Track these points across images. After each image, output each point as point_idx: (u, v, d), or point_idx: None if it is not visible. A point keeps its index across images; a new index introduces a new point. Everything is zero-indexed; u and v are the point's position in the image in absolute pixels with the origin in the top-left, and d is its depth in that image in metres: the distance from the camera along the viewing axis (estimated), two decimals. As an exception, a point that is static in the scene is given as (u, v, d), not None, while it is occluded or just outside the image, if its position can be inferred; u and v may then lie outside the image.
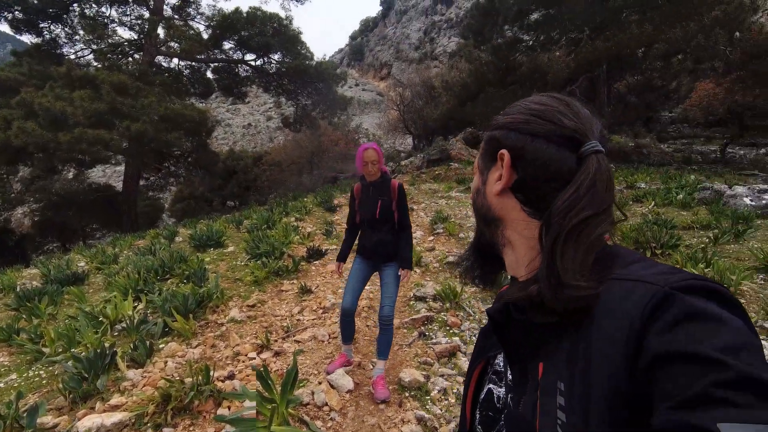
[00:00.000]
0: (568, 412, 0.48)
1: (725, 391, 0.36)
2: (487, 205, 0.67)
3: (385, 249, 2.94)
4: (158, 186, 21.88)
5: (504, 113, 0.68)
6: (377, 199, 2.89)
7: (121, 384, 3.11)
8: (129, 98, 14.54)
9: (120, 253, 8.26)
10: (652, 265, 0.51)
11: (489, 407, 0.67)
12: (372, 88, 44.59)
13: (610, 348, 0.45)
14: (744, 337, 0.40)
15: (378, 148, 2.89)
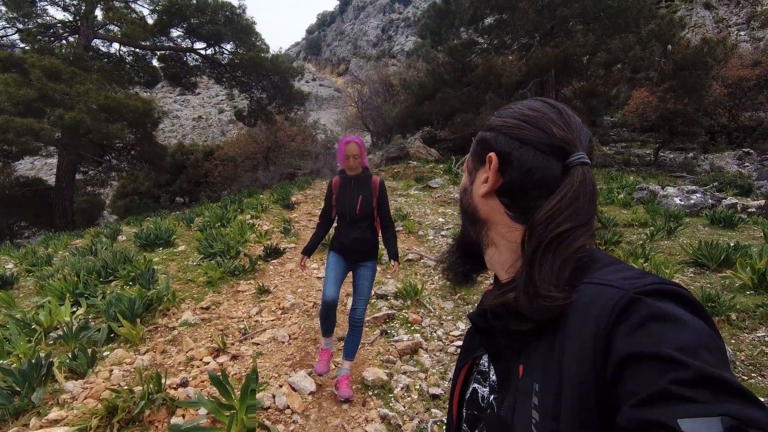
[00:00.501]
0: (541, 412, 0.49)
1: (684, 388, 0.38)
2: (473, 206, 0.68)
3: (362, 247, 2.84)
4: (98, 180, 20.24)
5: (498, 115, 0.68)
6: (358, 194, 2.79)
7: (59, 397, 2.86)
8: (62, 84, 13.33)
9: (54, 254, 7.58)
10: (623, 270, 0.52)
11: (474, 406, 0.68)
12: (330, 84, 44.03)
13: (580, 351, 0.47)
14: (704, 338, 0.42)
15: (360, 141, 2.79)
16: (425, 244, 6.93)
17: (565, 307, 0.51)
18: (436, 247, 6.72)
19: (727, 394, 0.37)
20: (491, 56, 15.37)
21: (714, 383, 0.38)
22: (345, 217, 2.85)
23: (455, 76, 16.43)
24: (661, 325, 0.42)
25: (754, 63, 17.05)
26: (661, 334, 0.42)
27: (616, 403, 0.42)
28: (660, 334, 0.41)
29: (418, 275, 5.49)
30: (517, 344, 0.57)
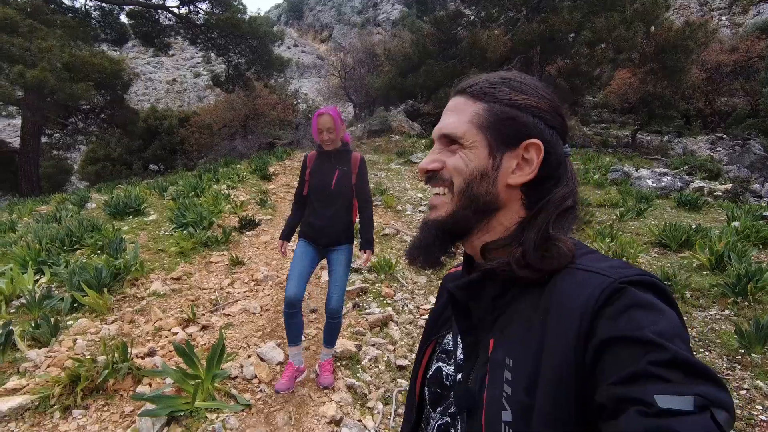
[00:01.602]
0: (514, 386, 0.52)
1: (661, 369, 0.41)
2: (494, 195, 0.62)
3: (334, 229, 2.57)
4: (64, 144, 19.28)
5: (514, 89, 0.62)
6: (335, 169, 2.55)
7: (20, 365, 2.81)
8: (20, 39, 12.41)
9: (18, 220, 7.27)
10: (606, 259, 0.56)
11: (437, 384, 0.69)
12: (312, 51, 42.51)
13: (564, 332, 0.49)
14: (678, 328, 0.46)
15: (336, 113, 2.52)
16: (402, 219, 6.96)
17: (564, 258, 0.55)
18: (413, 222, 6.76)
19: (700, 378, 0.41)
20: (477, 29, 15.08)
21: (688, 367, 0.42)
22: (318, 193, 2.58)
23: (440, 48, 16.12)
24: (643, 313, 0.46)
25: (732, 48, 17.32)
26: (642, 320, 0.45)
27: (594, 382, 0.45)
28: (641, 320, 0.45)
29: (394, 250, 5.53)
30: (491, 317, 0.60)
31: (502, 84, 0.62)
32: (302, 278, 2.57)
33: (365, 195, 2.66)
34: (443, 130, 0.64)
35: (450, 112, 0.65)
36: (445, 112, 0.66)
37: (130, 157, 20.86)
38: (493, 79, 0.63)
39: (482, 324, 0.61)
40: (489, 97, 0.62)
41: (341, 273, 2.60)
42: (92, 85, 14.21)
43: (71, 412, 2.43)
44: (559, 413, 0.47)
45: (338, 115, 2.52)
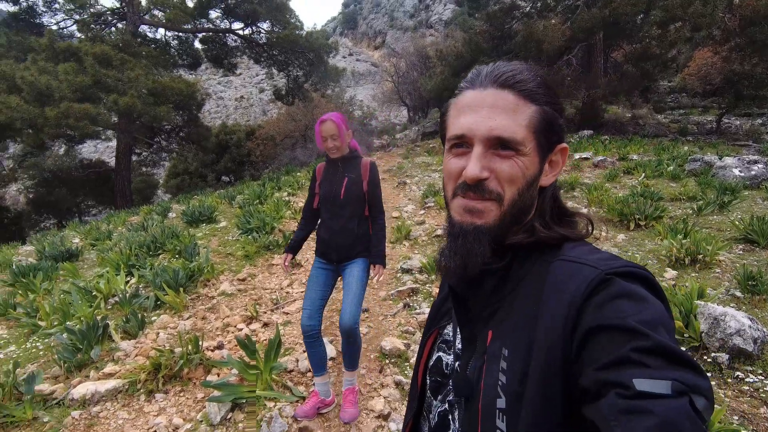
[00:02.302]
0: (508, 375, 0.54)
1: (642, 355, 0.43)
2: (533, 197, 0.62)
3: (346, 241, 2.38)
4: (151, 161, 21.66)
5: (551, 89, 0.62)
6: (344, 176, 2.40)
7: (114, 354, 3.24)
8: (114, 71, 14.17)
9: (114, 230, 8.32)
10: (595, 251, 0.58)
11: (437, 373, 0.72)
12: (366, 58, 43.48)
13: (552, 320, 0.51)
14: (663, 317, 0.47)
15: (340, 118, 2.32)
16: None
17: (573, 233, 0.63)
18: (465, 222, 6.69)
19: (679, 365, 0.43)
20: (533, 21, 14.48)
21: (669, 354, 0.43)
22: (327, 203, 2.42)
23: (493, 45, 15.71)
24: (628, 302, 0.47)
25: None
26: (626, 309, 0.47)
27: (579, 368, 0.48)
28: (626, 309, 0.47)
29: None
30: (490, 310, 0.62)
31: (545, 85, 0.61)
32: (316, 306, 2.40)
33: (377, 203, 2.45)
34: (495, 132, 0.57)
35: (497, 110, 0.58)
36: (486, 107, 0.59)
37: (205, 170, 22.78)
38: (537, 78, 0.60)
39: (480, 316, 0.63)
40: (540, 98, 0.59)
41: (354, 286, 2.35)
42: (172, 107, 15.82)
43: (154, 396, 2.77)
44: (547, 400, 0.49)
45: (342, 121, 2.34)
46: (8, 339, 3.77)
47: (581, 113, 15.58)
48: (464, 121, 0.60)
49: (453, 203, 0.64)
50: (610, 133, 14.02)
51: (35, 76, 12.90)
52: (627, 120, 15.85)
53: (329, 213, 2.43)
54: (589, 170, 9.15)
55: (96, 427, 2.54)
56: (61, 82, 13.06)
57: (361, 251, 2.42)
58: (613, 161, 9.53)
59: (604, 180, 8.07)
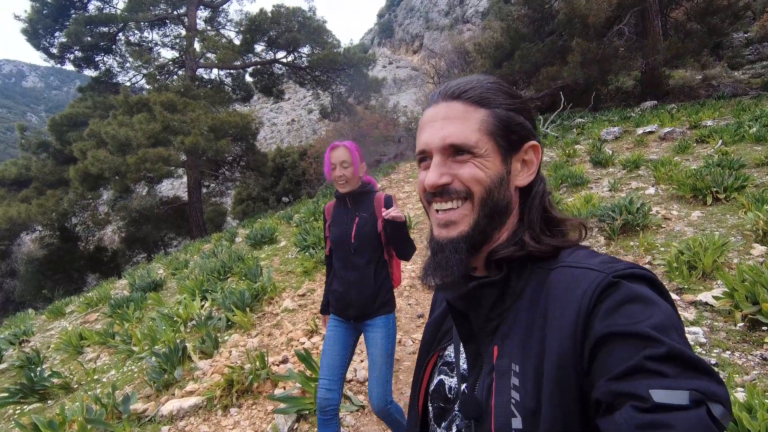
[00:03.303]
0: (522, 392, 0.52)
1: (657, 363, 0.42)
2: (508, 198, 0.62)
3: (363, 294, 1.98)
4: (219, 192, 23.52)
5: (509, 94, 0.63)
6: (355, 216, 2.03)
7: (194, 373, 3.56)
8: (178, 114, 15.64)
9: (190, 259, 9.13)
10: (595, 255, 0.57)
11: (440, 398, 0.68)
12: (406, 64, 43.72)
13: (562, 330, 0.50)
14: (673, 319, 0.46)
15: (354, 147, 2.02)
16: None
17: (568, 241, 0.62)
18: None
19: (695, 371, 0.42)
20: (574, -4, 13.67)
21: (684, 360, 0.42)
22: (339, 250, 2.07)
23: (534, 29, 15.06)
24: (638, 306, 0.46)
25: None
26: (637, 314, 0.45)
27: (591, 378, 0.46)
28: (637, 314, 0.45)
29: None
30: (492, 324, 0.60)
31: (496, 89, 0.63)
32: (335, 375, 2.02)
33: (402, 241, 1.99)
34: (449, 139, 0.60)
35: (448, 121, 0.61)
36: (439, 120, 0.62)
37: (266, 193, 24.22)
38: (484, 84, 0.63)
39: (483, 332, 0.61)
40: (491, 102, 0.61)
41: (379, 358, 1.97)
42: (230, 139, 17.08)
43: (229, 410, 3.01)
44: (563, 413, 0.47)
45: (356, 150, 2.03)
46: (109, 364, 4.30)
47: (641, 84, 14.36)
48: (423, 136, 0.64)
49: (431, 217, 0.66)
50: (677, 101, 12.74)
51: (116, 129, 14.64)
52: (697, 83, 14.30)
53: (342, 261, 2.06)
54: (655, 145, 8.39)
55: (182, 440, 2.81)
56: (136, 132, 14.69)
57: (382, 306, 2.01)
58: (682, 131, 8.64)
59: (673, 153, 7.35)
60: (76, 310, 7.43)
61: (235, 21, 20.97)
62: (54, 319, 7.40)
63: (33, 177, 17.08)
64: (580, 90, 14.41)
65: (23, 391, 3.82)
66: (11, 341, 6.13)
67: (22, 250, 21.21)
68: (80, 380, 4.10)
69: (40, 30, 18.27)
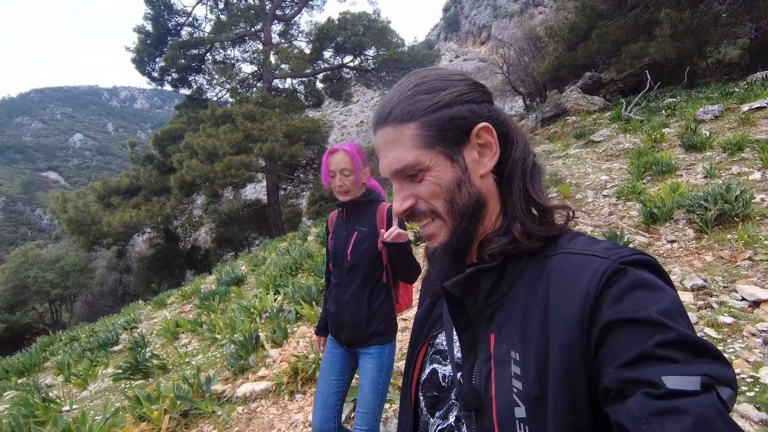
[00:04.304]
0: (524, 380, 0.51)
1: (667, 349, 0.41)
2: (476, 193, 0.60)
3: (355, 317, 1.76)
4: (294, 194, 25.03)
5: (426, 92, 0.59)
6: (353, 230, 1.82)
7: (266, 360, 3.87)
8: (257, 123, 16.93)
9: (267, 256, 9.86)
10: (597, 241, 0.55)
11: (434, 387, 0.67)
12: (473, 56, 42.53)
13: (567, 318, 0.48)
14: (678, 305, 0.45)
15: (356, 149, 1.78)
16: (582, 208, 6.22)
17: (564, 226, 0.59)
18: (595, 210, 5.96)
19: (704, 356, 0.41)
20: (661, -38, 12.23)
21: (693, 346, 0.42)
22: (335, 265, 1.87)
23: (613, 4, 13.73)
24: (645, 292, 0.46)
25: None
26: (645, 300, 0.45)
27: (599, 366, 0.45)
28: (644, 300, 0.45)
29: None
30: (489, 311, 0.59)
31: (417, 93, 0.60)
32: (330, 404, 1.80)
33: (405, 263, 1.72)
34: (392, 167, 0.60)
35: (387, 148, 0.61)
36: (381, 148, 0.62)
37: (337, 194, 25.24)
38: (405, 94, 0.60)
39: (479, 320, 0.60)
40: (415, 113, 0.59)
41: (368, 392, 1.74)
42: (303, 144, 18.10)
43: (295, 396, 3.22)
44: (573, 401, 0.47)
45: (358, 153, 1.78)
46: (198, 349, 4.83)
47: (750, 53, 12.39)
48: (380, 166, 0.65)
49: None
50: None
51: (205, 140, 16.29)
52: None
53: (337, 278, 1.84)
54: (765, 123, 7.21)
55: (254, 420, 3.08)
56: (222, 141, 16.22)
57: (376, 334, 1.76)
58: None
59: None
60: (175, 301, 8.45)
61: (306, 32, 22.13)
62: (157, 309, 8.48)
63: (141, 186, 19.66)
64: (671, 66, 12.85)
65: (131, 369, 4.46)
66: (125, 327, 7.17)
67: (135, 250, 24.57)
68: (174, 362, 4.67)
69: (145, 57, 20.95)
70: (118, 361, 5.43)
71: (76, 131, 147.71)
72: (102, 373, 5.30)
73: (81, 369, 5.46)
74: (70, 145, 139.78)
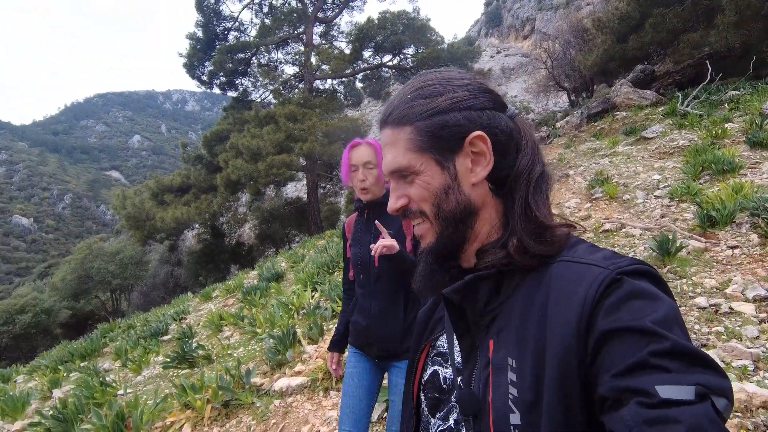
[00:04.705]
0: (519, 387, 0.52)
1: (661, 359, 0.41)
2: (465, 201, 0.60)
3: (389, 330, 1.64)
4: (333, 192, 25.48)
5: (424, 96, 0.60)
6: (377, 234, 1.63)
7: (302, 356, 3.98)
8: (298, 123, 17.38)
9: (306, 253, 10.11)
10: (597, 249, 0.56)
11: (435, 388, 0.68)
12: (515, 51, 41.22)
13: (564, 326, 0.49)
14: (675, 314, 0.46)
15: (379, 144, 1.60)
16: (630, 210, 5.88)
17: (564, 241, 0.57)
18: (645, 211, 5.62)
19: (699, 366, 0.42)
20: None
21: (688, 355, 0.42)
22: (360, 274, 1.74)
23: (670, -10, 12.83)
24: (641, 302, 0.46)
25: None
26: (640, 309, 0.45)
27: (595, 375, 0.46)
28: (641, 310, 0.45)
29: (617, 247, 4.78)
30: (488, 318, 0.59)
31: (416, 98, 0.61)
32: (361, 423, 1.68)
33: None
34: (388, 167, 0.63)
35: (386, 148, 0.64)
36: (384, 148, 0.65)
37: (375, 192, 25.41)
38: (405, 97, 0.62)
39: (478, 326, 0.60)
40: (410, 118, 0.60)
41: (399, 403, 1.56)
42: (342, 143, 18.38)
43: (329, 392, 3.29)
44: (566, 410, 0.47)
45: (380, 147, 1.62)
46: (239, 342, 5.05)
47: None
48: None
49: None
50: None
51: (249, 140, 16.95)
52: None
53: (364, 288, 1.73)
54: None
55: (290, 414, 3.18)
56: (265, 141, 16.80)
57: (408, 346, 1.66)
58: None
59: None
60: (220, 295, 8.87)
61: (346, 32, 22.41)
62: (204, 301, 8.94)
63: (191, 184, 20.76)
64: (735, 56, 11.83)
65: (178, 358, 4.74)
66: (174, 318, 7.62)
67: (185, 244, 26.02)
68: (218, 353, 4.91)
69: (195, 62, 22.08)
70: (168, 350, 5.78)
71: (135, 133, 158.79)
72: (154, 361, 5.68)
73: (136, 355, 5.87)
74: (130, 146, 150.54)
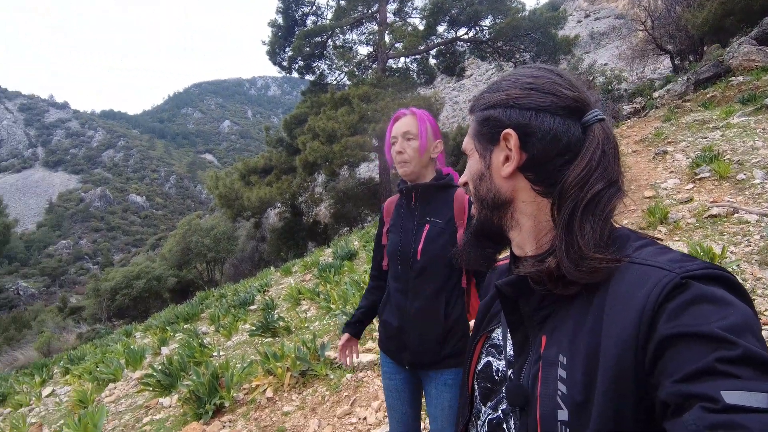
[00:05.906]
0: (569, 384, 0.51)
1: (729, 366, 0.39)
2: (495, 190, 0.64)
3: (428, 334, 1.41)
4: (405, 172, 25.60)
5: (492, 90, 0.65)
6: (423, 222, 1.44)
7: (372, 333, 4.13)
8: (371, 104, 17.55)
9: (378, 233, 10.35)
10: (666, 251, 0.52)
11: (487, 378, 0.70)
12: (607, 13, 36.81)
13: (622, 329, 0.47)
14: (749, 321, 0.42)
15: (427, 115, 1.47)
16: (745, 192, 5.07)
17: (610, 271, 0.52)
18: (764, 194, 4.81)
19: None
20: None
21: (759, 363, 0.39)
22: (396, 266, 1.48)
23: None
24: (709, 307, 0.43)
25: None
26: (707, 314, 0.42)
27: (655, 380, 0.44)
28: (707, 315, 0.42)
29: (726, 235, 4.18)
30: (542, 314, 0.59)
31: (487, 90, 0.67)
32: (404, 421, 1.54)
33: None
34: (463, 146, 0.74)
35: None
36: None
37: (448, 172, 24.95)
38: (482, 95, 0.68)
39: (532, 321, 0.60)
40: (474, 108, 0.69)
41: (440, 416, 1.40)
42: (414, 123, 18.22)
43: (397, 371, 3.39)
44: (617, 413, 0.46)
45: (428, 119, 1.45)
46: (315, 316, 5.38)
47: None
48: None
49: None
50: None
51: (325, 123, 17.55)
52: None
53: (399, 283, 1.47)
54: None
55: (360, 388, 3.34)
56: (340, 123, 17.27)
57: (451, 355, 1.39)
58: None
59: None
60: (298, 270, 9.49)
61: (420, 7, 21.81)
62: (285, 276, 9.65)
63: (274, 166, 22.18)
64: None
65: (263, 327, 5.20)
66: (259, 290, 8.34)
67: (268, 222, 28.11)
68: (296, 326, 5.30)
69: (276, 49, 23.19)
70: (254, 319, 6.37)
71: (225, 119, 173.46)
72: (241, 328, 6.31)
73: (227, 322, 6.57)
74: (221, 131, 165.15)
